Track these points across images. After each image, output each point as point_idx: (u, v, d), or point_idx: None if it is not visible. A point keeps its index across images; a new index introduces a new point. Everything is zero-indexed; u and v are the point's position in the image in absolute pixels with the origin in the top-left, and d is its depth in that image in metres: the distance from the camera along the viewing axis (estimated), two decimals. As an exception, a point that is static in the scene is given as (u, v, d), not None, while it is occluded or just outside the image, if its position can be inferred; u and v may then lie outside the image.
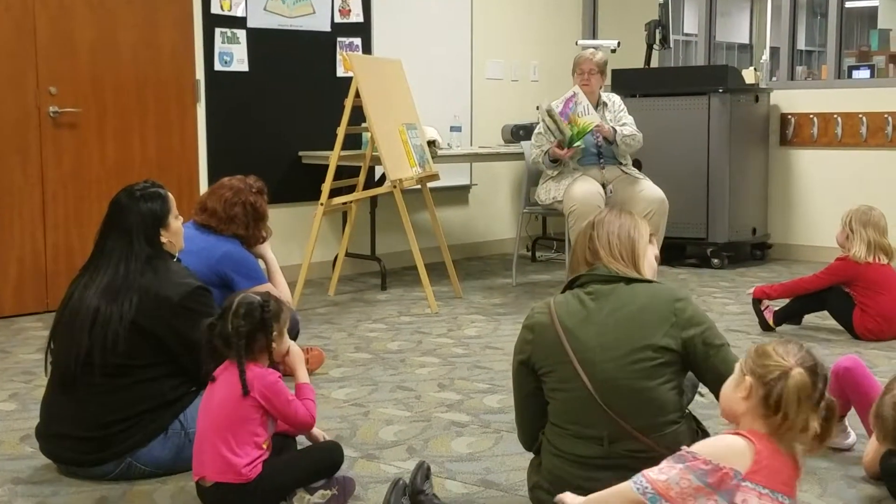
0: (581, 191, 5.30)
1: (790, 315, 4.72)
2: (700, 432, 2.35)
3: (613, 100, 5.67)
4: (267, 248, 3.87)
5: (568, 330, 2.29)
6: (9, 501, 2.66)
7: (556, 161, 5.45)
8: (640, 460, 2.19)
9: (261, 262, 3.85)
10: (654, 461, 2.14)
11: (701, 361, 2.28)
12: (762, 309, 4.73)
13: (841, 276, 4.52)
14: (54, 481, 2.79)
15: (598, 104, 5.59)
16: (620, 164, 5.55)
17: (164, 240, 2.86)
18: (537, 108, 5.53)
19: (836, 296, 4.55)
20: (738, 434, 1.99)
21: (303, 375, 2.65)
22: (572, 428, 2.29)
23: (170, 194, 2.93)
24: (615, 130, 5.43)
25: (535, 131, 5.59)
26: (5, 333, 4.74)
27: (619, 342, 2.26)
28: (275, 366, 2.56)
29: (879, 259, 4.45)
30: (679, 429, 2.27)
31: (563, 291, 2.40)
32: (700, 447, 2.00)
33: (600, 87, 5.60)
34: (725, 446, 1.98)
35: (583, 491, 2.23)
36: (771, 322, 4.69)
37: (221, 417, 2.46)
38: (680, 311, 2.28)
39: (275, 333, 2.53)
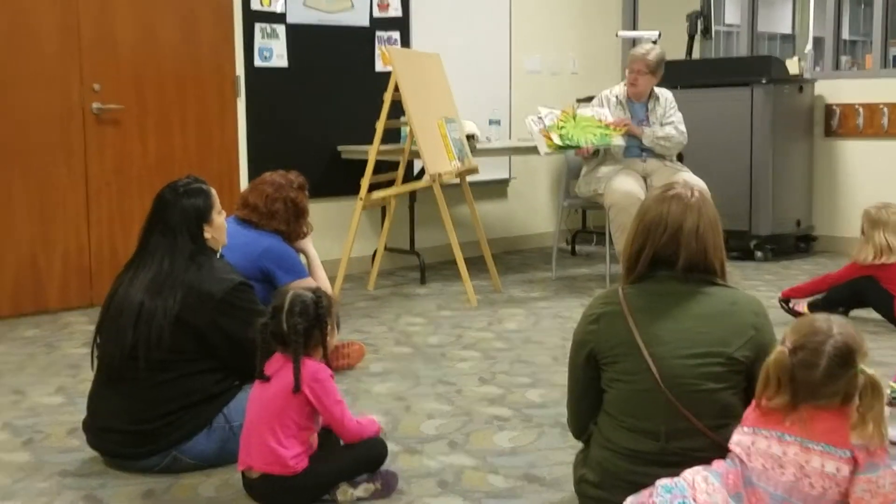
0: (622, 184, 5.29)
1: (828, 304, 4.68)
2: None
3: (666, 96, 5.61)
4: (308, 243, 3.90)
5: (640, 322, 2.27)
6: (57, 493, 2.70)
7: (594, 154, 5.47)
8: (693, 459, 2.18)
9: (302, 256, 3.87)
10: (707, 461, 2.14)
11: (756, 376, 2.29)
12: (792, 307, 4.71)
13: (861, 272, 4.51)
14: (101, 474, 2.83)
15: (650, 97, 5.55)
16: (663, 157, 5.53)
17: (207, 235, 2.88)
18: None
19: (874, 289, 4.51)
20: None
21: None
22: (628, 420, 2.28)
23: (213, 190, 2.95)
24: (643, 132, 5.43)
25: None
26: (51, 328, 4.81)
27: (692, 343, 2.24)
28: (328, 362, 2.58)
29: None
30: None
31: (630, 282, 2.37)
32: None
33: (653, 85, 5.55)
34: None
35: (632, 486, 2.22)
36: (806, 312, 4.66)
37: (272, 410, 2.49)
38: (760, 329, 2.29)
39: (329, 328, 2.55)
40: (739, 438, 2.08)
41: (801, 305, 4.70)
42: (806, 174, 6.90)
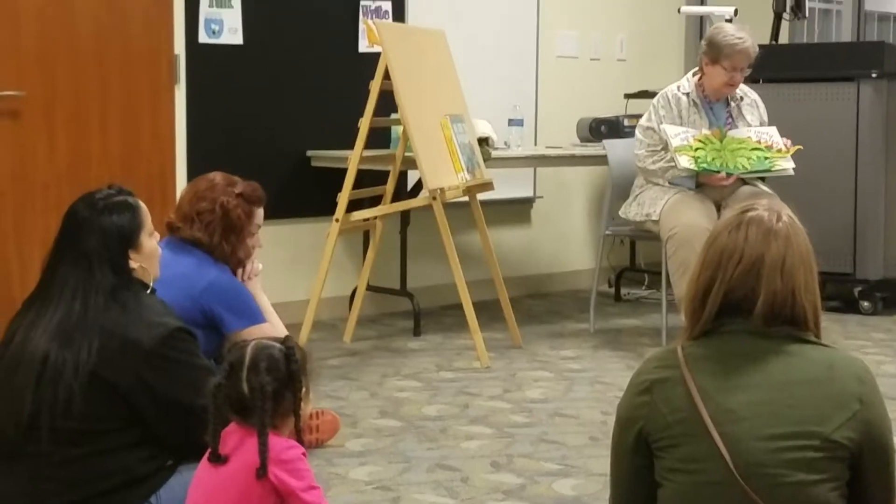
0: (686, 209, 5.29)
1: None
2: None
3: (754, 96, 5.64)
4: (256, 286, 3.88)
5: (706, 392, 2.27)
6: None
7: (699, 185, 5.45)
8: None
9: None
10: None
11: (869, 468, 2.28)
12: None
13: None
14: (-15, 582, 2.83)
15: (731, 97, 5.58)
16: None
17: (133, 265, 2.89)
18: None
19: None
20: None
21: None
22: None
23: (142, 204, 2.95)
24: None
25: (645, 125, 5.55)
26: (-80, 386, 4.81)
27: (777, 420, 2.23)
28: (300, 436, 2.58)
29: None
30: None
31: (693, 338, 2.37)
32: None
33: None
34: None
35: None
36: None
37: (225, 501, 2.48)
38: (868, 400, 2.27)
39: (303, 390, 2.56)
40: None
41: None
42: (929, 199, 6.93)
